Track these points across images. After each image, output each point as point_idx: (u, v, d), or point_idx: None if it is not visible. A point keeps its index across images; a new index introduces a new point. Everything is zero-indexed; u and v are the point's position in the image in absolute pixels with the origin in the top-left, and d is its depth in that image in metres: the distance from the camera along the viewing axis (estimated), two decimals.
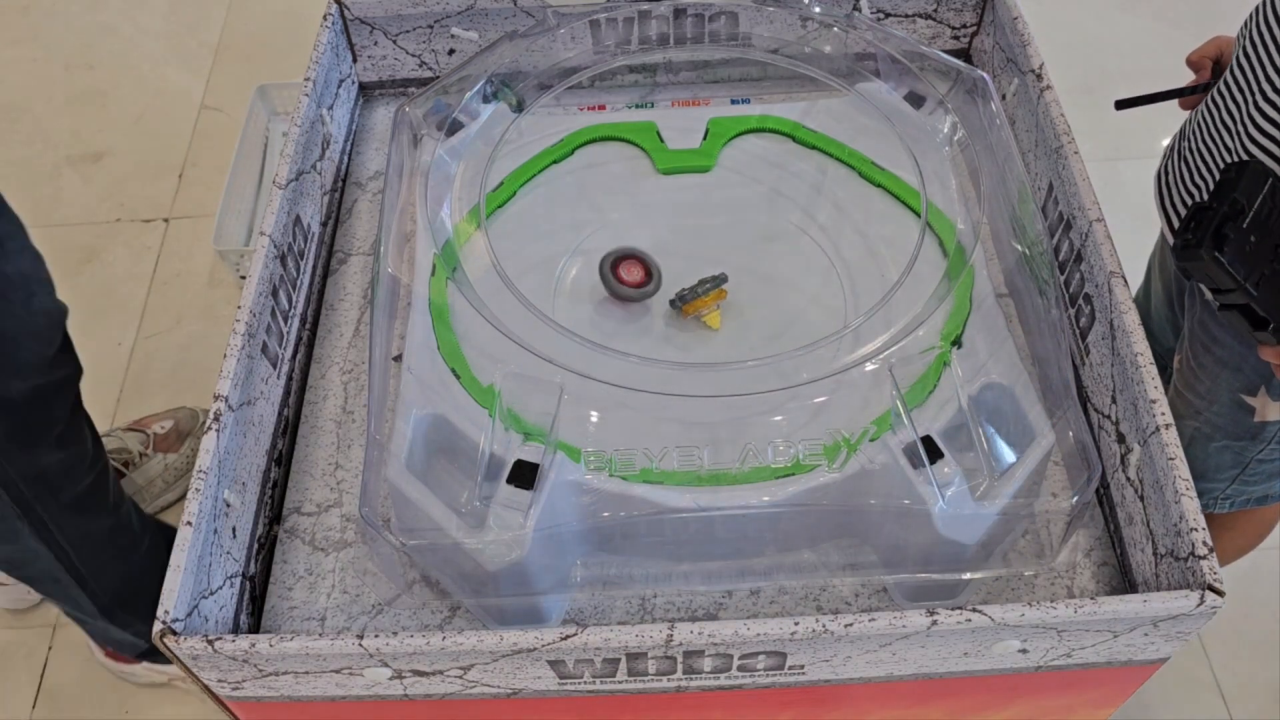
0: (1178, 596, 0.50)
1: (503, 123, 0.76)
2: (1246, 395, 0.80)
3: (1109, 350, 0.63)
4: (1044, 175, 0.75)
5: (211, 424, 0.58)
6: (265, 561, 0.64)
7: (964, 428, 0.58)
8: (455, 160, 0.74)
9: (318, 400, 0.72)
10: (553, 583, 0.59)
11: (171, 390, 1.26)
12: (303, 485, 0.67)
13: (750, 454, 0.58)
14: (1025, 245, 0.67)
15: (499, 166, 0.74)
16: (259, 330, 0.64)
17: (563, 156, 0.77)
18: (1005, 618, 0.50)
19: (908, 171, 0.73)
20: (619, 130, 0.78)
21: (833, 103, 0.79)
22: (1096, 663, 0.56)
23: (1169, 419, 0.57)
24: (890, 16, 0.88)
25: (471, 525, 0.55)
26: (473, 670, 0.53)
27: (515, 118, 0.76)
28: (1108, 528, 0.64)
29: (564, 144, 0.77)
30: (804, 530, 0.61)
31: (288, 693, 0.55)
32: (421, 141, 0.74)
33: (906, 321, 0.63)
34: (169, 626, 0.51)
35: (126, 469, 1.24)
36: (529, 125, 0.77)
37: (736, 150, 0.78)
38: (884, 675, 0.56)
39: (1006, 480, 0.56)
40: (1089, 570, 0.62)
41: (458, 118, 0.75)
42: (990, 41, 0.85)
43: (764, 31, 0.83)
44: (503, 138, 0.75)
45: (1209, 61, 0.81)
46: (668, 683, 0.56)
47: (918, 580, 0.60)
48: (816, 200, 0.74)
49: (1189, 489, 0.54)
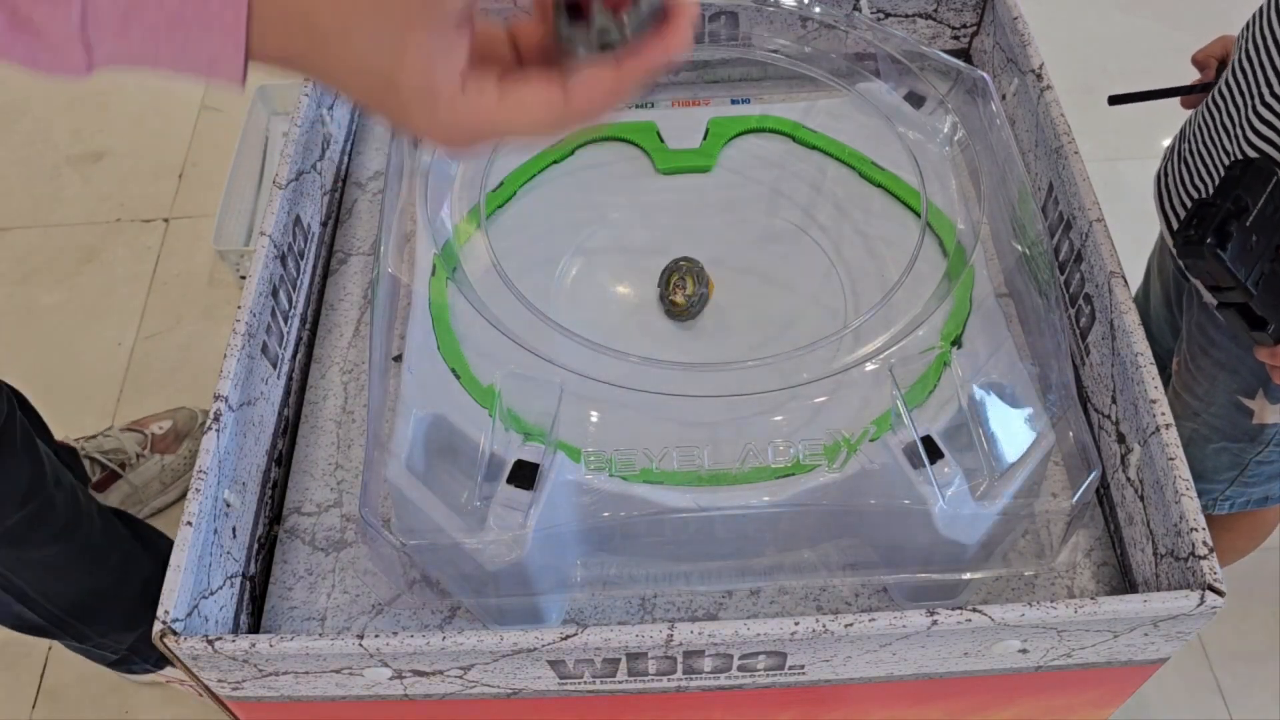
0: (1178, 596, 0.50)
1: None
2: (1244, 398, 0.80)
3: (1109, 350, 0.63)
4: (1044, 175, 0.75)
5: (211, 424, 0.58)
6: (265, 562, 0.64)
7: (964, 428, 0.58)
8: (455, 161, 0.74)
9: (318, 400, 0.72)
10: (553, 583, 0.59)
11: (171, 390, 1.26)
12: (303, 485, 0.67)
13: (750, 454, 0.58)
14: (1025, 245, 0.67)
15: (499, 166, 0.74)
16: (259, 330, 0.64)
17: (563, 156, 0.77)
18: (1005, 618, 0.50)
19: (908, 171, 0.73)
20: (619, 130, 0.78)
21: (833, 102, 0.79)
22: (1096, 663, 0.56)
23: (1169, 419, 0.57)
24: (890, 16, 0.88)
25: (471, 525, 0.55)
26: (473, 670, 0.53)
27: None
28: (1108, 528, 0.64)
29: (564, 144, 0.77)
30: (804, 530, 0.61)
31: (288, 693, 0.55)
32: (422, 142, 0.74)
33: (906, 321, 0.63)
34: (169, 626, 0.51)
35: (123, 469, 1.23)
36: None
37: (737, 150, 0.78)
38: (884, 675, 0.56)
39: (1006, 480, 0.56)
40: (1089, 570, 0.62)
41: None
42: (990, 41, 0.85)
43: (764, 31, 0.83)
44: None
45: (1214, 61, 0.81)
46: (668, 683, 0.56)
47: (917, 580, 0.60)
48: (817, 200, 0.74)
49: (1189, 489, 0.54)
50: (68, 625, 0.98)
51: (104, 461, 1.21)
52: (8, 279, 1.37)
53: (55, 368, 1.14)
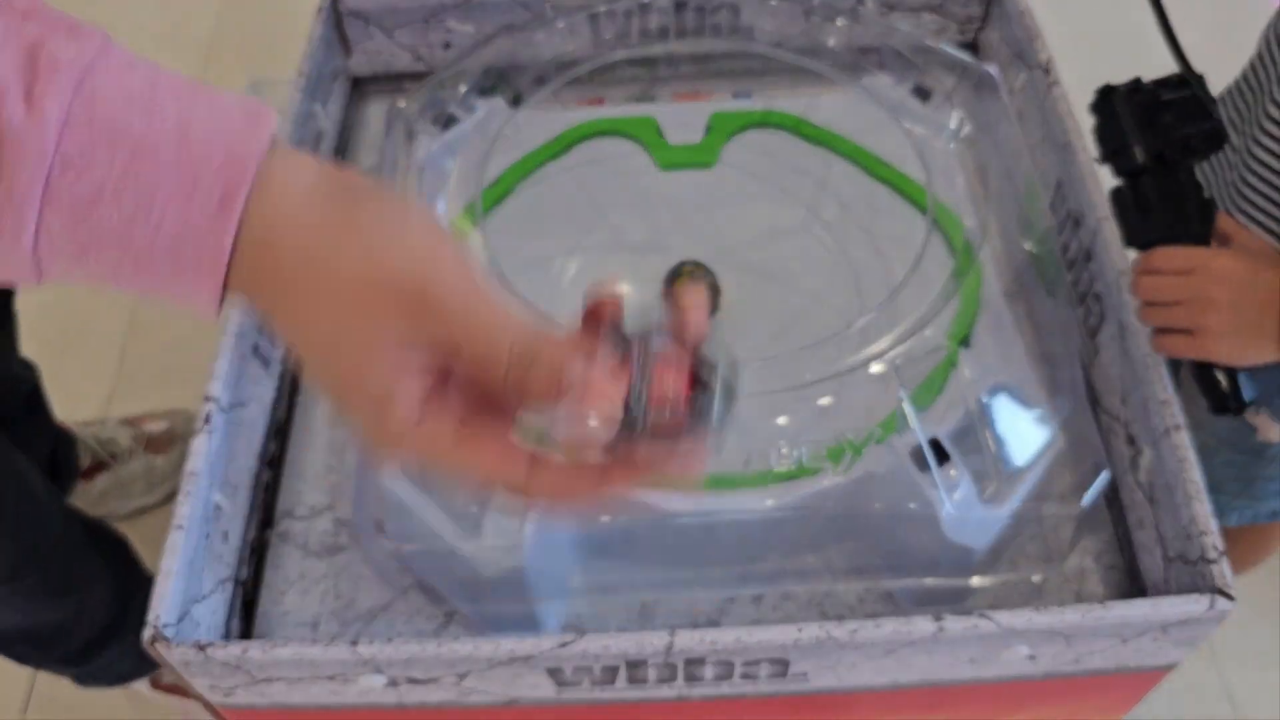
0: (1188, 600, 0.50)
1: (499, 118, 0.75)
2: (1246, 414, 0.79)
3: (1119, 350, 0.62)
4: (1052, 172, 0.74)
5: (202, 426, 0.57)
6: (257, 566, 0.63)
7: (971, 430, 0.57)
8: (450, 156, 0.73)
9: (310, 402, 0.71)
10: (550, 589, 0.58)
11: (164, 391, 1.25)
12: (295, 489, 0.66)
13: (753, 457, 0.57)
14: (1033, 243, 0.66)
15: (495, 162, 0.73)
16: (250, 330, 0.63)
17: (560, 152, 0.76)
18: (1013, 623, 0.49)
19: (914, 167, 0.72)
20: (618, 125, 0.77)
21: (837, 97, 0.78)
22: (1105, 669, 0.55)
23: (1180, 421, 0.56)
24: (896, 10, 0.87)
25: (468, 531, 0.54)
26: (469, 678, 0.52)
27: (512, 113, 0.75)
28: (1116, 531, 0.63)
29: (562, 139, 0.76)
30: (808, 535, 0.60)
31: (280, 700, 0.55)
32: (416, 137, 0.73)
33: (913, 321, 0.62)
34: (160, 632, 0.50)
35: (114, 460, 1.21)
36: (525, 120, 0.76)
37: (739, 145, 0.77)
38: (889, 683, 0.55)
39: (1014, 483, 0.56)
40: (1097, 574, 0.61)
41: (453, 113, 0.74)
42: (997, 35, 0.84)
43: (767, 24, 0.82)
44: (499, 133, 0.74)
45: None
46: (668, 691, 0.55)
47: (924, 586, 0.59)
48: (821, 197, 0.73)
49: (1200, 492, 0.53)
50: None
51: (95, 450, 1.20)
52: None
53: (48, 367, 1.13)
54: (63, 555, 0.84)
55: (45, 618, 0.86)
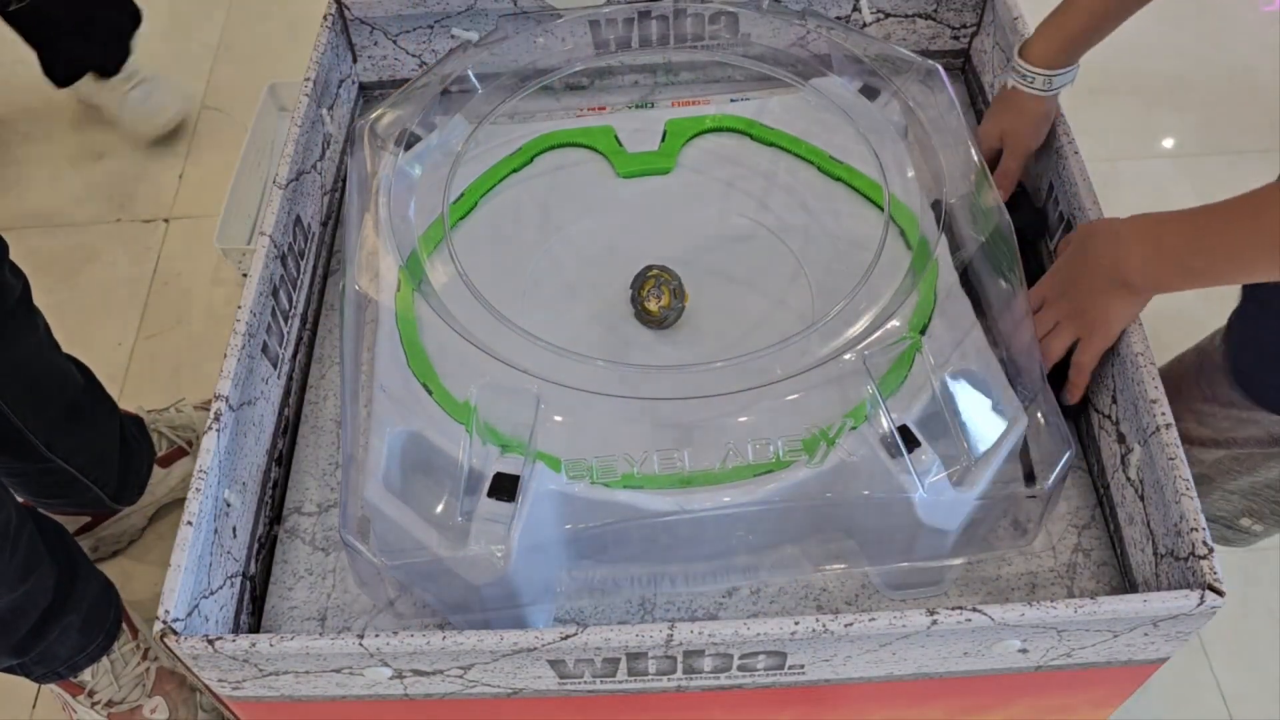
0: (1178, 596, 0.50)
1: (460, 133, 0.75)
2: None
3: (1109, 350, 0.63)
4: (1044, 175, 0.75)
5: (212, 423, 0.58)
6: (265, 561, 0.64)
7: (938, 415, 0.58)
8: (415, 173, 0.72)
9: (318, 400, 0.72)
10: (539, 593, 0.59)
11: (172, 391, 1.25)
12: (303, 485, 0.67)
13: (730, 453, 0.58)
14: (984, 232, 0.66)
15: (460, 176, 0.73)
16: (259, 330, 0.64)
17: (522, 165, 0.76)
18: (1005, 617, 0.50)
19: (867, 164, 0.72)
20: (577, 136, 0.78)
21: (788, 99, 0.79)
22: (1096, 662, 0.56)
23: (1169, 419, 0.57)
24: (890, 17, 0.88)
25: (454, 541, 0.54)
26: (473, 670, 0.53)
27: (473, 127, 0.75)
28: (1107, 528, 0.64)
29: (523, 152, 0.76)
30: (788, 526, 0.61)
31: (288, 692, 0.55)
32: (380, 156, 0.72)
33: (876, 313, 0.62)
34: (169, 626, 0.51)
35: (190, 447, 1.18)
36: (486, 135, 0.76)
37: (696, 150, 0.77)
38: (884, 675, 0.56)
39: (983, 465, 0.56)
40: (1089, 570, 0.62)
41: (414, 131, 0.73)
42: (990, 41, 0.85)
43: (718, 31, 0.82)
44: (462, 148, 0.73)
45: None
46: (668, 682, 0.55)
47: (902, 569, 0.60)
48: (778, 197, 0.74)
49: (1189, 489, 0.54)
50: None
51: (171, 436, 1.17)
52: None
53: None
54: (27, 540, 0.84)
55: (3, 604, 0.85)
